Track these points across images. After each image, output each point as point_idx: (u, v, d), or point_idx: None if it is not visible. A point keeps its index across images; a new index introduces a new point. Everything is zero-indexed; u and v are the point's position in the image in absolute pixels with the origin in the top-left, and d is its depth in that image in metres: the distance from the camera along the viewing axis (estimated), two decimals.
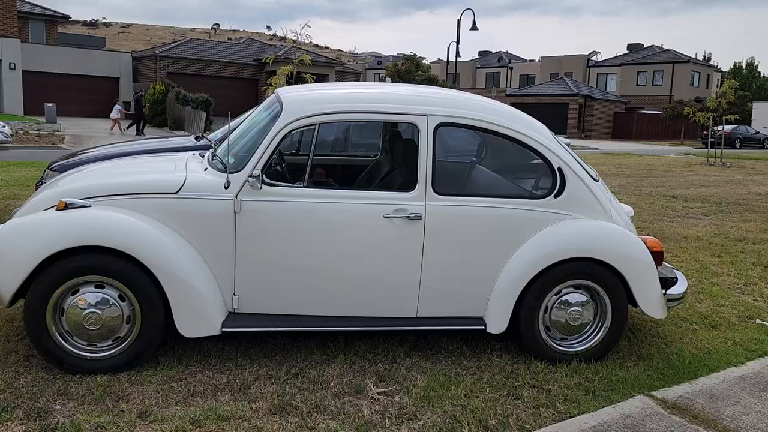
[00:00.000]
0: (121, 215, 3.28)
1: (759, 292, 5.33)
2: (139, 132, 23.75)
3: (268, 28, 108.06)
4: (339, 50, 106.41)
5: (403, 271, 3.53)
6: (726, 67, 63.10)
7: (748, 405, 3.29)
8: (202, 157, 4.05)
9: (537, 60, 65.62)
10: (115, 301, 3.26)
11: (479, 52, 76.48)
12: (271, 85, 10.55)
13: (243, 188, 3.37)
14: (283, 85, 9.69)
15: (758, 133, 39.30)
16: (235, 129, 4.23)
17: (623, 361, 3.76)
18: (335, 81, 36.52)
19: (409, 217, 3.47)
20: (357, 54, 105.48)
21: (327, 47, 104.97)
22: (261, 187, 3.37)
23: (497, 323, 3.60)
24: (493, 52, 75.38)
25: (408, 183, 3.58)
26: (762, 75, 62.64)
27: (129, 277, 3.22)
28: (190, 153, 4.35)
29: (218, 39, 60.74)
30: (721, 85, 23.05)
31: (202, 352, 3.61)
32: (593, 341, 3.72)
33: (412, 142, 3.65)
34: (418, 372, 3.50)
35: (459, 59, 37.22)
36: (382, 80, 41.04)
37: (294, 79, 11.16)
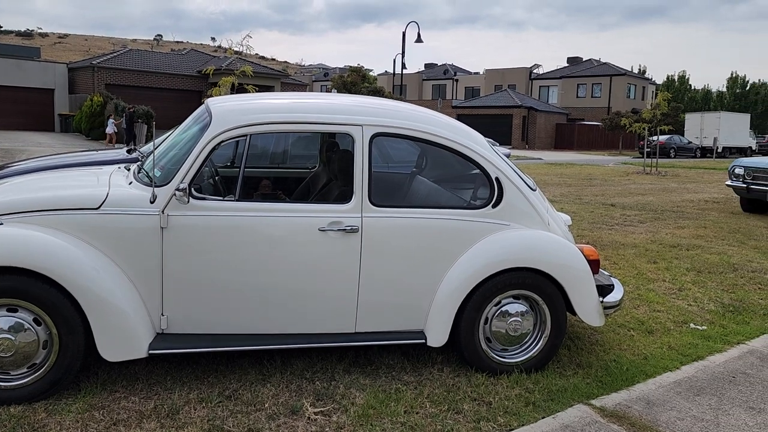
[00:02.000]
0: (36, 233, 3.07)
1: (692, 297, 5.48)
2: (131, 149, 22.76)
3: (213, 39, 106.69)
4: (286, 62, 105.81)
5: (340, 286, 3.43)
6: (660, 79, 65.98)
7: (683, 410, 3.32)
8: (128, 170, 3.86)
9: (482, 72, 66.91)
10: (30, 326, 3.04)
11: (425, 64, 77.47)
12: (212, 96, 10.32)
13: (170, 203, 3.21)
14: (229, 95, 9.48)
15: (691, 143, 41.12)
16: (164, 140, 4.06)
17: (563, 370, 3.76)
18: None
19: (345, 229, 3.38)
20: (304, 66, 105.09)
21: (273, 59, 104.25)
22: (189, 201, 3.22)
23: (438, 336, 3.55)
24: (439, 64, 76.53)
25: (344, 195, 3.50)
26: (693, 87, 65.75)
27: (45, 300, 3.01)
28: (116, 166, 4.15)
29: (161, 50, 59.38)
30: (655, 97, 23.96)
31: (128, 376, 3.41)
32: (533, 351, 3.70)
33: (348, 153, 3.57)
34: (358, 389, 3.40)
35: (405, 71, 37.53)
36: (328, 92, 40.95)
37: (236, 91, 10.96)
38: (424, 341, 3.55)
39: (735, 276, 6.29)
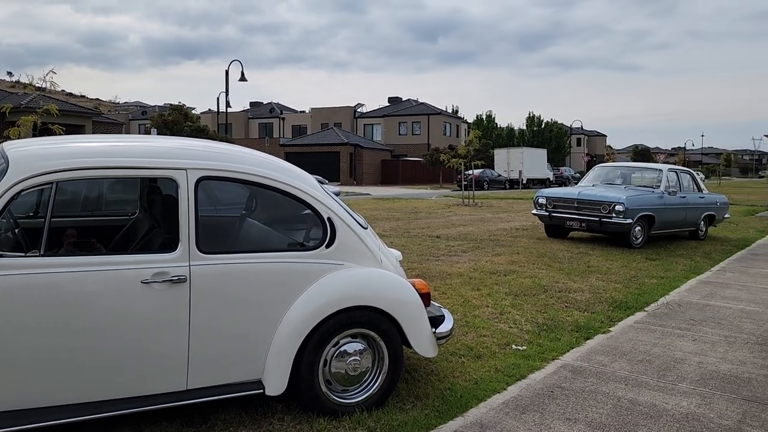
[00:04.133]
0: None
1: (512, 320, 5.93)
2: None
3: (9, 74, 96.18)
4: (98, 99, 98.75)
5: (168, 342, 3.18)
6: (470, 118, 71.95)
7: (512, 429, 3.54)
8: None
9: (308, 111, 68.01)
10: None
11: (251, 102, 77.00)
12: (9, 137, 9.27)
13: None
14: (30, 138, 8.58)
15: (500, 175, 45.29)
16: None
17: (402, 404, 3.83)
18: (92, 133, 33.65)
19: (171, 280, 3.17)
20: (119, 103, 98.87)
21: (83, 96, 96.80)
22: None
23: (276, 384, 3.43)
24: (265, 102, 76.45)
25: (169, 243, 3.28)
26: (498, 125, 72.60)
27: None
28: None
29: None
30: (468, 135, 26.11)
31: None
32: (373, 389, 3.73)
33: (172, 198, 3.37)
34: None
35: (230, 110, 36.89)
36: (147, 131, 38.80)
37: (40, 132, 9.97)
38: (262, 391, 3.41)
39: (546, 297, 6.94)
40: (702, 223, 12.65)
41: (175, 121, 33.75)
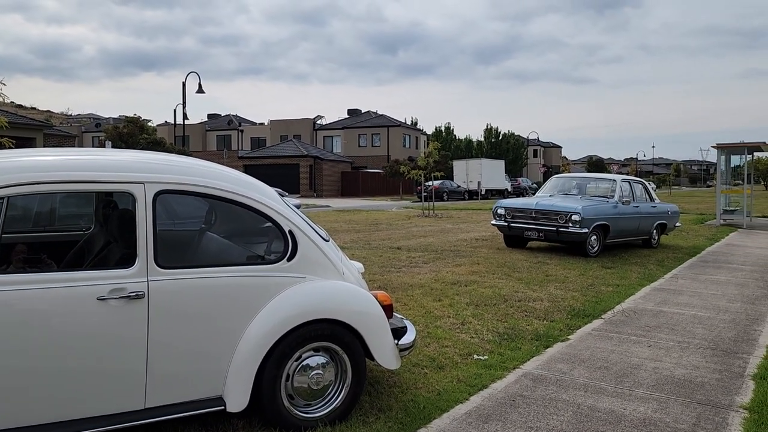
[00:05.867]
0: None
1: (474, 330, 5.98)
2: None
3: None
4: (49, 111, 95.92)
5: (125, 360, 3.10)
6: (429, 130, 72.63)
7: None
8: None
9: (267, 123, 67.55)
10: None
11: (208, 114, 76.07)
12: None
13: None
14: None
15: (459, 186, 45.82)
16: None
17: (366, 417, 3.82)
18: (44, 145, 32.67)
19: (129, 296, 3.09)
20: (71, 116, 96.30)
21: (34, 108, 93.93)
22: None
23: (237, 400, 3.37)
24: (223, 114, 75.64)
25: (126, 258, 3.21)
26: (457, 137, 73.47)
27: None
28: None
29: None
30: (427, 146, 26.34)
31: None
32: (336, 402, 3.70)
33: (128, 213, 3.30)
34: None
35: (188, 122, 36.32)
36: (101, 144, 37.91)
37: None
38: (223, 407, 3.35)
39: (506, 306, 7.03)
40: (654, 231, 13.03)
41: (130, 133, 33.08)
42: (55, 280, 2.99)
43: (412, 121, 69.75)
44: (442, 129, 72.63)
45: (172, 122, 39.68)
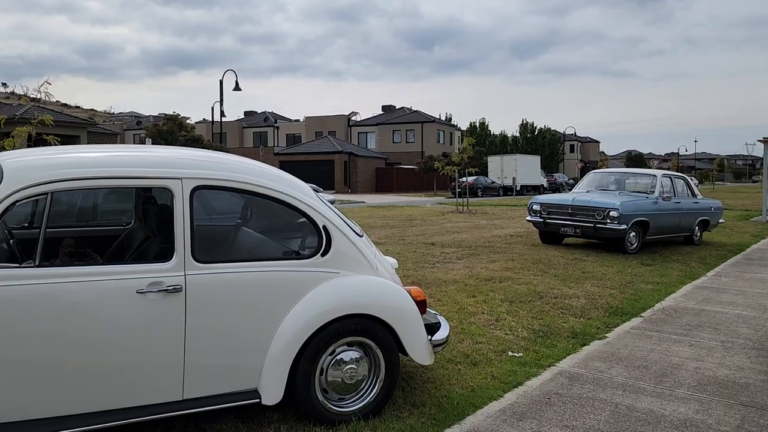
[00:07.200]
0: None
1: (508, 327, 5.92)
2: None
3: (4, 85, 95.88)
4: (92, 110, 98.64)
5: (164, 352, 3.17)
6: (464, 126, 72.18)
7: None
8: None
9: (302, 120, 68.04)
10: None
11: (245, 112, 77.04)
12: (4, 148, 9.24)
13: None
14: (24, 148, 8.56)
15: (494, 182, 45.38)
16: None
17: (399, 412, 3.82)
18: (87, 143, 33.60)
19: (167, 290, 3.15)
20: (114, 114, 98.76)
21: (78, 106, 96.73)
22: None
23: (273, 393, 3.41)
24: (259, 112, 76.50)
25: (164, 252, 3.27)
26: (492, 133, 72.80)
27: None
28: None
29: None
30: (461, 142, 26.14)
31: None
32: (370, 397, 3.72)
33: (167, 208, 3.36)
34: None
35: (225, 119, 36.91)
36: (142, 141, 38.76)
37: (35, 142, 9.94)
38: (258, 400, 3.39)
39: (541, 303, 6.94)
40: (696, 228, 12.70)
41: (169, 130, 33.72)
42: (98, 273, 3.07)
43: (446, 117, 69.39)
44: (477, 125, 72.05)
45: (210, 120, 40.33)
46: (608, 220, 10.75)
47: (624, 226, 10.66)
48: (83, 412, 3.03)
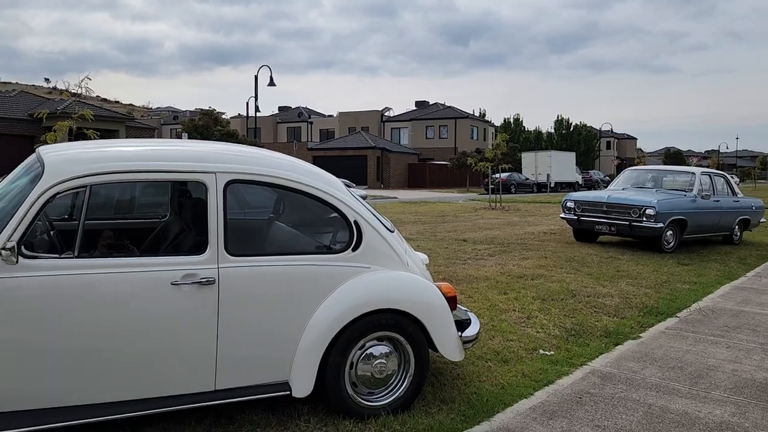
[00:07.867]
0: None
1: (540, 325, 5.87)
2: None
3: (47, 80, 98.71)
4: (131, 105, 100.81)
5: (197, 343, 3.23)
6: (498, 122, 71.50)
7: None
8: None
9: (335, 115, 68.33)
10: None
11: (279, 107, 77.68)
12: (46, 142, 9.52)
13: None
14: (65, 142, 8.81)
15: (528, 179, 44.87)
16: None
17: (428, 408, 3.82)
18: (126, 137, 34.32)
19: (200, 282, 3.21)
20: (151, 109, 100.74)
21: (117, 101, 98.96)
22: (17, 262, 2.89)
23: (303, 386, 3.45)
24: (293, 107, 77.07)
25: (198, 245, 3.33)
26: (526, 129, 71.99)
27: None
28: None
29: None
30: (495, 138, 25.90)
31: None
32: (399, 392, 3.73)
33: (201, 201, 3.42)
34: None
35: (259, 114, 37.28)
36: (178, 136, 39.46)
37: (76, 136, 10.21)
38: (289, 392, 3.43)
39: (574, 301, 6.85)
40: (736, 227, 12.36)
41: (205, 125, 34.27)
42: (135, 265, 3.15)
43: (480, 112, 68.80)
44: (511, 120, 71.33)
45: (245, 115, 40.82)
46: (644, 218, 10.54)
47: (660, 225, 10.44)
48: (118, 400, 3.11)
